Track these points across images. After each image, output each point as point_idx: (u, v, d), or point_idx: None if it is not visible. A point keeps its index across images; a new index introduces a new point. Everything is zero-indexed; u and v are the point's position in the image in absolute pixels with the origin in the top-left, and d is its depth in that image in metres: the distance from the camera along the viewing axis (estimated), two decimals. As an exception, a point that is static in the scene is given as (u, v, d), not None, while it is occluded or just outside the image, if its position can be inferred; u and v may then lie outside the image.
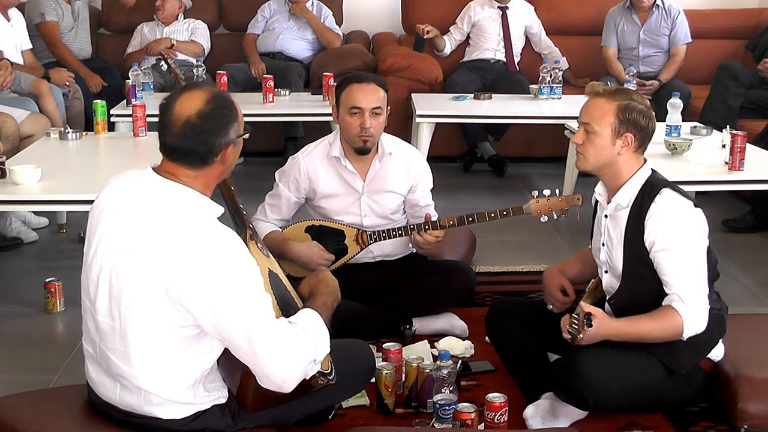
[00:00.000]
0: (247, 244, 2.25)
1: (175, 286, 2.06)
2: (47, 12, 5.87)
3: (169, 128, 2.14)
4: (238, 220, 2.46)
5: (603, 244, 2.80)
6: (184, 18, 6.39)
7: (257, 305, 2.10)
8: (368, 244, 3.35)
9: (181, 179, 2.15)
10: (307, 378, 2.19)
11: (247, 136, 2.25)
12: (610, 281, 2.81)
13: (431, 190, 3.50)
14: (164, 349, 2.13)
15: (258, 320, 2.08)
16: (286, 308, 2.32)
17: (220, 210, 2.20)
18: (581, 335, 2.49)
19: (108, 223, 2.17)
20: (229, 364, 2.22)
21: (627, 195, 2.70)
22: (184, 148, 2.13)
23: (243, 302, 2.08)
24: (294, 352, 2.11)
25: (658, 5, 6.05)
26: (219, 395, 2.26)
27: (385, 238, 3.33)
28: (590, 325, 2.47)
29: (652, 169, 2.74)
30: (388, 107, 3.30)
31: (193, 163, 2.15)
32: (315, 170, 3.36)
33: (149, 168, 2.20)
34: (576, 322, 2.49)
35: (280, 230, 3.39)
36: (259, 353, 2.08)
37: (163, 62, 4.23)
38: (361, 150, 3.29)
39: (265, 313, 2.10)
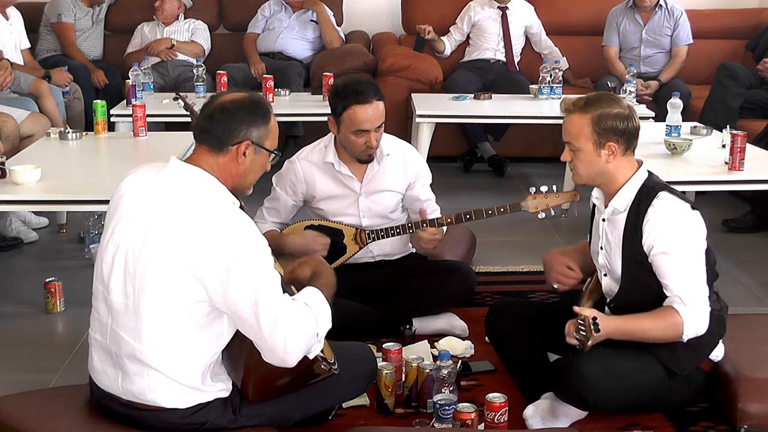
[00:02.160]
0: None
1: (189, 257, 2.12)
2: (64, 14, 6.06)
3: (204, 111, 2.29)
4: None
5: (601, 248, 2.79)
6: (184, 18, 6.39)
7: (265, 279, 2.15)
8: (367, 243, 3.35)
9: (202, 166, 2.24)
10: (310, 357, 2.22)
11: (272, 158, 2.33)
12: (609, 284, 2.80)
13: (430, 186, 3.50)
14: (175, 326, 2.18)
15: (264, 293, 2.13)
16: None
17: (236, 202, 2.27)
18: (590, 342, 2.45)
19: (125, 206, 2.25)
20: (232, 355, 2.26)
21: (624, 199, 2.69)
22: (207, 126, 2.26)
23: (252, 274, 2.14)
24: (297, 324, 2.16)
25: (660, 5, 6.04)
26: (223, 387, 2.29)
27: (383, 237, 3.33)
28: (598, 330, 2.44)
29: (648, 172, 2.73)
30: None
31: (210, 143, 2.25)
32: (312, 174, 3.36)
33: (172, 157, 2.29)
34: (583, 328, 2.45)
35: (278, 231, 3.40)
36: (264, 325, 2.12)
37: (180, 101, 4.27)
38: (365, 161, 3.30)
39: (271, 287, 2.16)
